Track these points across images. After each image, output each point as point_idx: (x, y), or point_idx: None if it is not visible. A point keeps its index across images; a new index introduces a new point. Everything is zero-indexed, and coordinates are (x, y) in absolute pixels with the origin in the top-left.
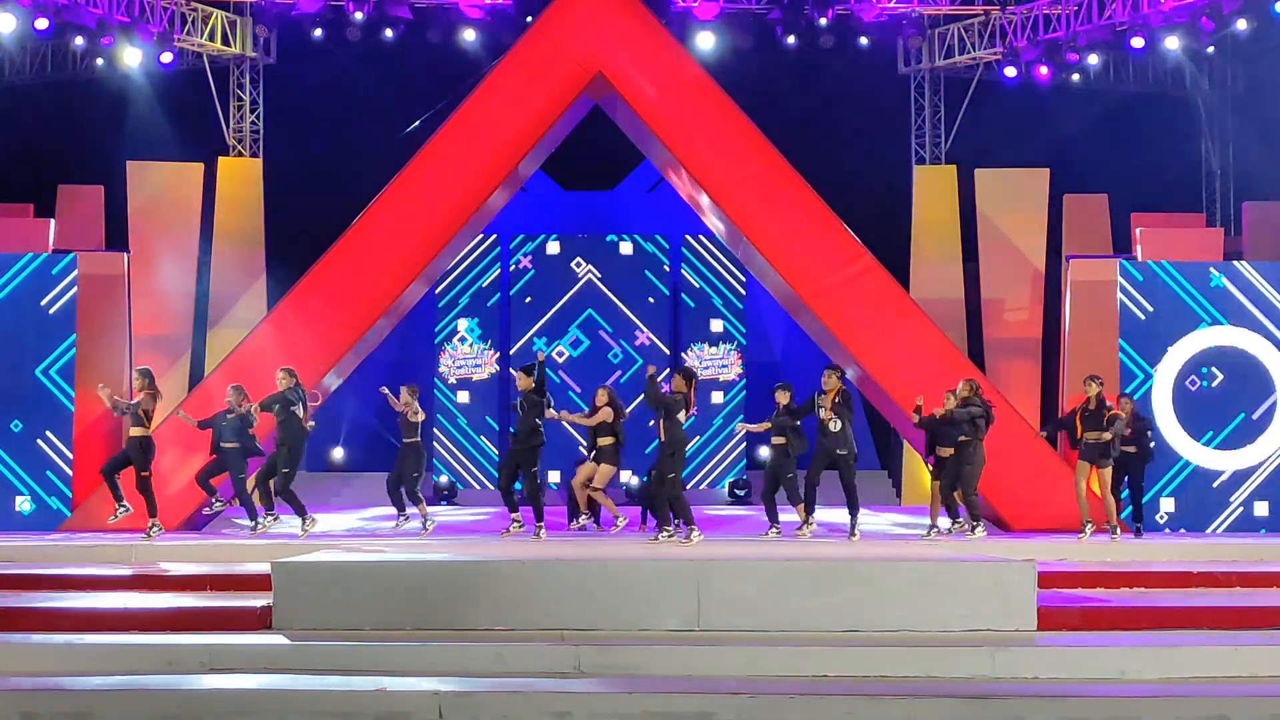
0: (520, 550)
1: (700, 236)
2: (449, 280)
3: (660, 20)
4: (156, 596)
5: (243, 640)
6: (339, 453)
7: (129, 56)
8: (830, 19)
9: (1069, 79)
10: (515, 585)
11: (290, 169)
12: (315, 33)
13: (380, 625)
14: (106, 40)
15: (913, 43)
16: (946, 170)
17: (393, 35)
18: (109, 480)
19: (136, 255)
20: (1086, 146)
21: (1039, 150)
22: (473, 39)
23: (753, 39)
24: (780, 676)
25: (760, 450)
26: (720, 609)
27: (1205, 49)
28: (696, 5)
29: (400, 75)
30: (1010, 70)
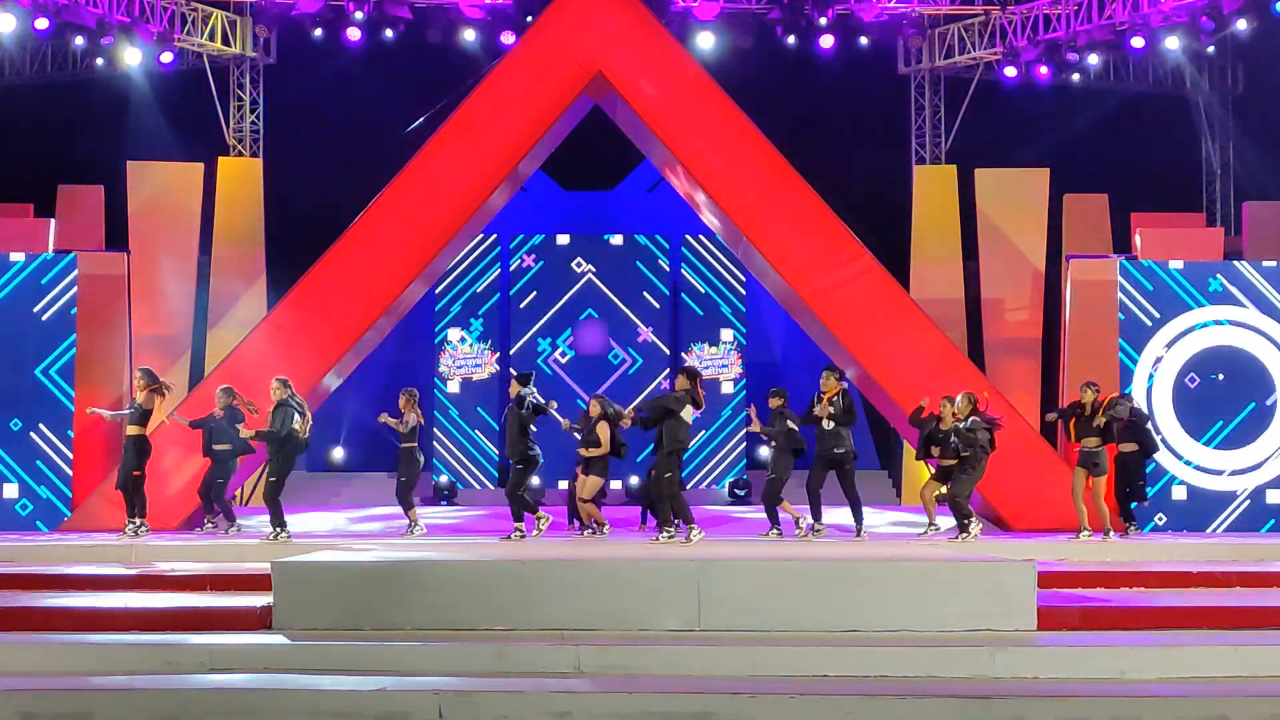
0: (520, 550)
1: (700, 236)
2: (449, 280)
3: (660, 20)
4: (156, 596)
5: (243, 640)
6: (339, 453)
7: (129, 56)
8: (830, 19)
9: (1069, 79)
10: (515, 585)
11: (290, 169)
12: (315, 33)
13: (380, 625)
14: (106, 40)
15: (913, 43)
16: (946, 170)
17: (393, 35)
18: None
19: (136, 255)
20: (1086, 146)
21: (1039, 150)
22: (473, 39)
23: (753, 39)
24: (780, 676)
25: (760, 450)
26: (720, 609)
27: (1205, 49)
28: (696, 5)
29: (400, 75)
30: (1010, 70)
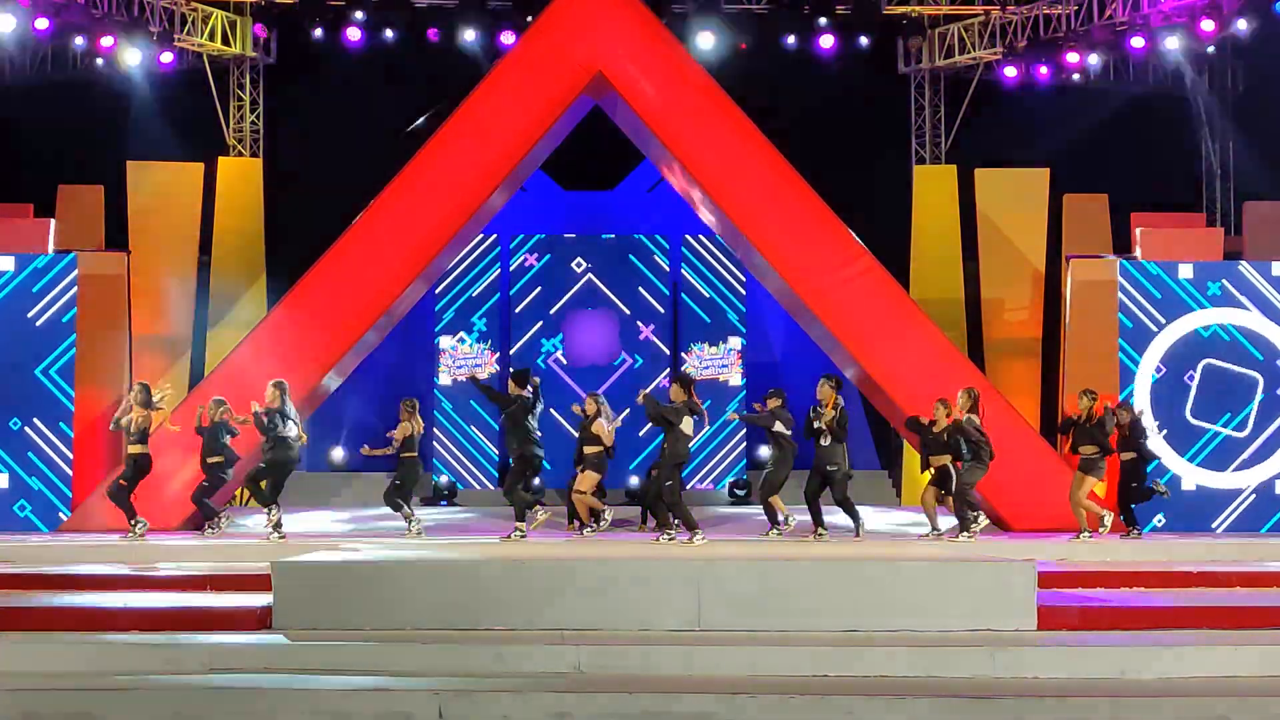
0: (520, 550)
1: (700, 236)
2: (449, 280)
3: (660, 20)
4: (156, 596)
5: (243, 640)
6: (339, 453)
7: (129, 56)
8: (830, 19)
9: (1069, 79)
10: (515, 585)
11: (290, 169)
12: (315, 33)
13: (380, 625)
14: (107, 40)
15: (913, 43)
16: (946, 170)
17: (393, 35)
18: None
19: (136, 255)
20: (1086, 146)
21: (1039, 150)
22: (473, 39)
23: (753, 39)
24: (780, 676)
25: (760, 450)
26: (720, 609)
27: (1205, 49)
28: (697, 5)
29: (400, 75)
30: (1010, 70)
